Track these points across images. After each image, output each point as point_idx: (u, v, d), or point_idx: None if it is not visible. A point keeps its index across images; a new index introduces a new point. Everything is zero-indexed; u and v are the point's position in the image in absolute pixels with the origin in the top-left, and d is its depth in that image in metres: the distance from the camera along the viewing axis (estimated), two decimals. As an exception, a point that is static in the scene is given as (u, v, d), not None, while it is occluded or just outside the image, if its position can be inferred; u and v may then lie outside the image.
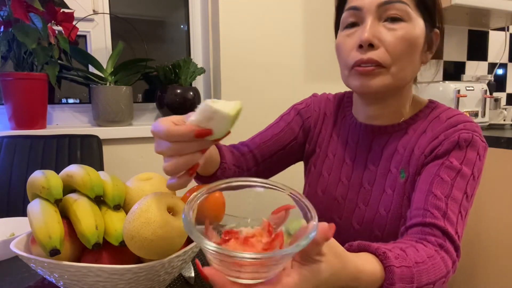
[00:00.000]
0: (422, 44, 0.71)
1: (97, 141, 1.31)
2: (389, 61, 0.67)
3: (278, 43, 1.76)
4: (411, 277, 0.53)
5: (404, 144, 0.75)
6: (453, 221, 0.62)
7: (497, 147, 1.51)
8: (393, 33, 0.67)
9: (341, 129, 0.84)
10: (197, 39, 1.78)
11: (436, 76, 0.92)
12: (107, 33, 1.62)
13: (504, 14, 1.96)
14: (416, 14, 0.69)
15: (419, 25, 0.69)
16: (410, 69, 0.71)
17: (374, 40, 0.67)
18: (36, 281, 0.65)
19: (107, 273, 0.50)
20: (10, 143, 1.25)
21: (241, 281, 0.37)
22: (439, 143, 0.69)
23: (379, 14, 0.68)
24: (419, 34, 0.69)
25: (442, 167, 0.66)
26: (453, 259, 0.60)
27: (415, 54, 0.70)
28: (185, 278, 0.66)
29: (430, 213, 0.63)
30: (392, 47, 0.67)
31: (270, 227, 0.43)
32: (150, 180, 0.62)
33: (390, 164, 0.75)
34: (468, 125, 0.69)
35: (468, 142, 0.67)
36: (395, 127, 0.76)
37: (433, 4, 0.72)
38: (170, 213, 0.52)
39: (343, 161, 0.82)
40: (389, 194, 0.74)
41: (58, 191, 0.54)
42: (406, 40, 0.67)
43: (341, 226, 0.79)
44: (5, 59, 1.35)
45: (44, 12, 1.27)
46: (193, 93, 1.61)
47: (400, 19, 0.67)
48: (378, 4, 0.67)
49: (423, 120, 0.75)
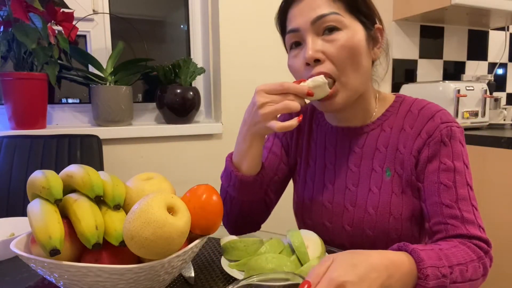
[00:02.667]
0: (365, 45, 0.72)
1: (97, 141, 1.31)
2: (336, 72, 0.70)
3: (278, 43, 1.76)
4: (438, 256, 0.58)
5: (384, 142, 0.77)
6: (472, 220, 0.67)
7: (497, 147, 1.51)
8: (334, 44, 0.69)
9: (318, 136, 0.86)
10: (197, 39, 1.78)
11: (427, 76, 0.92)
12: (107, 33, 1.62)
13: (504, 14, 1.95)
14: (351, 20, 0.71)
15: (356, 30, 0.71)
16: (360, 73, 0.72)
17: (318, 55, 0.69)
18: (36, 281, 0.65)
19: (107, 273, 0.50)
20: (10, 143, 1.25)
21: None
22: (424, 143, 0.72)
23: (316, 30, 0.70)
24: (359, 38, 0.71)
25: (440, 172, 0.70)
26: (484, 250, 0.65)
27: (360, 57, 0.71)
28: (185, 278, 0.66)
29: (450, 226, 0.67)
30: (336, 57, 0.69)
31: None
32: (150, 180, 0.62)
33: (372, 163, 0.77)
34: (442, 116, 0.73)
35: (450, 136, 0.71)
36: (370, 126, 0.79)
37: (366, 6, 0.73)
38: (170, 213, 0.52)
39: (325, 166, 0.83)
40: (375, 192, 0.76)
41: (58, 191, 0.54)
42: (347, 47, 0.69)
43: (333, 230, 0.80)
44: (5, 59, 1.35)
45: (44, 12, 1.27)
46: (193, 93, 1.61)
47: (336, 28, 0.69)
48: (311, 21, 0.69)
49: (395, 116, 0.78)
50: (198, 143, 1.68)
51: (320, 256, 0.66)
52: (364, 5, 0.73)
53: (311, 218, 0.83)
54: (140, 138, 1.57)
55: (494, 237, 1.67)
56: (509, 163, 1.48)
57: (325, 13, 0.69)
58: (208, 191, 0.60)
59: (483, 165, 1.55)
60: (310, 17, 0.69)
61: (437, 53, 2.19)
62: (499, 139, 1.52)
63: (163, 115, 1.65)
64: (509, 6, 1.85)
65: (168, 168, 1.64)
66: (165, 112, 1.62)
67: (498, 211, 1.52)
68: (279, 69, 1.78)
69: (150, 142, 1.60)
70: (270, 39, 1.74)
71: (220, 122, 1.71)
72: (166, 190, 0.62)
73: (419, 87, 1.92)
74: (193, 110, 1.63)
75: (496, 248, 0.68)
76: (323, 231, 0.80)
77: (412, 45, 2.11)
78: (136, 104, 1.68)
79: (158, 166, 1.62)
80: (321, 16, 0.69)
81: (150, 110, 1.73)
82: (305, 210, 0.84)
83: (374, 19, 0.75)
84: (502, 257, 1.51)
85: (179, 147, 1.65)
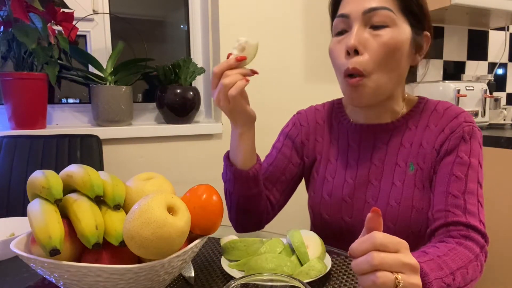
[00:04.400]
0: (408, 48, 0.73)
1: (97, 141, 1.31)
2: (371, 68, 0.71)
3: (278, 43, 1.76)
4: (438, 266, 0.57)
5: (409, 139, 0.79)
6: (474, 212, 0.68)
7: (497, 147, 1.51)
8: (378, 39, 0.70)
9: (340, 133, 0.87)
10: (197, 39, 1.78)
11: (427, 76, 0.94)
12: (107, 33, 1.62)
13: (504, 14, 1.95)
14: (402, 19, 0.72)
15: (404, 30, 0.72)
16: (394, 74, 0.73)
17: (359, 46, 0.70)
18: (36, 281, 0.65)
19: (107, 273, 0.50)
20: (10, 143, 1.25)
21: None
22: (446, 138, 0.75)
23: (365, 21, 0.71)
24: (404, 39, 0.72)
25: (455, 165, 0.72)
26: (480, 244, 0.65)
27: (400, 58, 0.72)
28: (185, 278, 0.66)
29: (451, 213, 0.69)
30: (375, 53, 0.70)
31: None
32: (150, 180, 0.62)
33: (397, 158, 0.79)
34: (466, 116, 0.76)
35: (471, 134, 0.74)
36: (395, 123, 0.80)
37: (419, 9, 0.74)
38: (170, 213, 0.52)
39: (347, 163, 0.84)
40: (398, 186, 0.77)
41: (58, 191, 0.54)
42: (389, 45, 0.70)
43: (353, 225, 0.81)
44: (5, 59, 1.35)
45: (44, 12, 1.27)
46: (193, 93, 1.61)
47: (385, 25, 0.70)
48: (363, 11, 0.71)
49: (419, 115, 0.80)
50: (198, 143, 1.68)
51: (320, 256, 0.66)
52: (418, 8, 0.73)
53: (329, 214, 0.84)
54: (140, 138, 1.57)
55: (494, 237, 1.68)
56: (509, 163, 1.48)
57: (378, 7, 0.70)
58: (208, 191, 0.60)
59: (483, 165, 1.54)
60: (363, 7, 0.70)
61: (437, 53, 2.19)
62: (499, 139, 1.52)
63: (163, 115, 1.65)
64: (509, 6, 1.85)
65: (168, 168, 1.64)
66: (165, 112, 1.62)
67: (498, 211, 1.52)
68: (279, 69, 1.78)
69: (150, 142, 1.60)
70: (270, 39, 1.74)
71: (220, 122, 1.71)
72: (166, 190, 0.62)
73: (419, 87, 1.92)
74: (193, 110, 1.63)
75: (496, 248, 0.68)
76: (341, 226, 0.82)
77: (412, 45, 2.11)
78: (136, 104, 1.68)
79: (158, 166, 1.62)
80: (373, 9, 0.70)
81: (150, 110, 1.73)
82: (323, 205, 0.85)
83: (424, 24, 0.75)
84: (502, 257, 1.51)
85: (179, 147, 1.65)
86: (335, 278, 0.64)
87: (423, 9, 0.75)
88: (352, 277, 0.64)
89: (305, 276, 0.60)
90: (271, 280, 0.43)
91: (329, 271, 0.64)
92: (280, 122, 1.01)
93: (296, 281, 0.42)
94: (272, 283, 0.44)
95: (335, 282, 0.63)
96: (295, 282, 0.42)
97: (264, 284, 0.44)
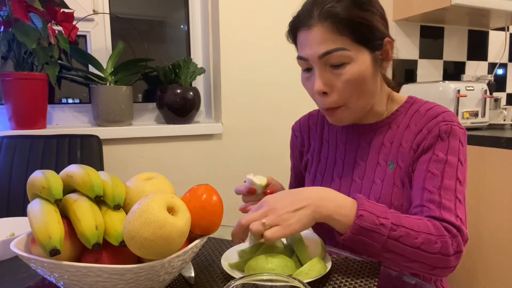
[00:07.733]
0: (371, 71, 0.75)
1: (97, 141, 1.31)
2: (342, 102, 0.75)
3: (278, 43, 1.76)
4: (384, 212, 0.63)
5: (389, 138, 0.82)
6: (450, 207, 0.69)
7: (497, 147, 1.51)
8: (341, 78, 0.73)
9: (330, 134, 0.92)
10: (197, 39, 1.78)
11: (427, 76, 0.95)
12: (107, 33, 1.62)
13: (504, 14, 1.95)
14: (358, 50, 0.72)
15: (363, 60, 0.73)
16: (367, 95, 0.76)
17: (325, 89, 0.74)
18: (36, 281, 0.65)
19: (107, 273, 0.50)
20: (10, 143, 1.25)
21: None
22: (423, 138, 0.76)
23: (323, 63, 0.73)
24: (365, 68, 0.73)
25: (431, 162, 0.74)
26: (452, 233, 0.65)
27: (366, 85, 0.75)
28: (185, 278, 0.66)
29: (426, 208, 0.70)
30: (342, 91, 0.74)
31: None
32: (150, 180, 0.62)
33: (378, 157, 0.82)
34: (446, 116, 0.76)
35: (448, 132, 0.75)
36: (379, 123, 0.84)
37: (370, 31, 0.73)
38: (170, 213, 0.52)
39: (335, 162, 0.89)
40: (378, 184, 0.80)
41: (58, 191, 0.54)
42: (353, 81, 0.73)
43: None
44: (5, 59, 1.35)
45: (44, 12, 1.27)
46: (193, 93, 1.61)
47: (344, 63, 0.72)
48: (318, 56, 0.72)
49: (403, 115, 0.82)
50: (198, 143, 1.68)
51: (320, 256, 0.66)
52: (369, 32, 0.73)
53: None
54: (140, 138, 1.57)
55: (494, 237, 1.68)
56: (509, 163, 1.48)
57: (330, 50, 0.71)
58: (208, 191, 0.60)
59: (483, 165, 1.54)
60: (318, 52, 0.72)
61: (437, 53, 2.19)
62: (499, 139, 1.52)
63: (163, 115, 1.65)
64: (509, 6, 1.85)
65: (168, 168, 1.64)
66: (165, 112, 1.62)
67: (498, 211, 1.52)
68: (279, 69, 1.78)
69: (150, 142, 1.60)
70: (270, 39, 1.74)
71: (220, 122, 1.71)
72: (166, 190, 0.62)
73: (419, 87, 1.92)
74: (193, 110, 1.63)
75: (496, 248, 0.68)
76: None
77: (412, 45, 2.11)
78: (136, 104, 1.68)
79: (158, 166, 1.62)
80: (326, 53, 0.71)
81: (150, 110, 1.73)
82: None
83: (381, 38, 0.75)
84: (502, 257, 1.51)
85: (179, 147, 1.65)
86: (335, 278, 0.64)
87: (374, 29, 0.73)
88: (352, 277, 0.64)
89: (305, 276, 0.60)
90: (271, 280, 0.43)
91: (329, 271, 0.64)
92: (285, 122, 1.03)
93: (296, 281, 0.42)
94: (272, 283, 0.43)
95: (335, 282, 0.63)
96: (295, 282, 0.42)
97: (264, 284, 0.44)
